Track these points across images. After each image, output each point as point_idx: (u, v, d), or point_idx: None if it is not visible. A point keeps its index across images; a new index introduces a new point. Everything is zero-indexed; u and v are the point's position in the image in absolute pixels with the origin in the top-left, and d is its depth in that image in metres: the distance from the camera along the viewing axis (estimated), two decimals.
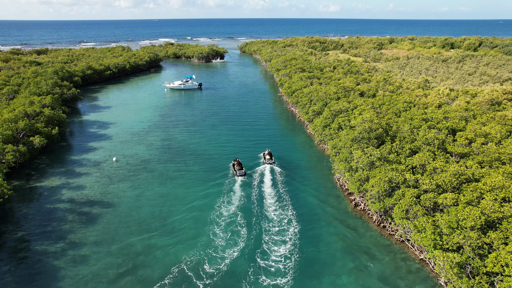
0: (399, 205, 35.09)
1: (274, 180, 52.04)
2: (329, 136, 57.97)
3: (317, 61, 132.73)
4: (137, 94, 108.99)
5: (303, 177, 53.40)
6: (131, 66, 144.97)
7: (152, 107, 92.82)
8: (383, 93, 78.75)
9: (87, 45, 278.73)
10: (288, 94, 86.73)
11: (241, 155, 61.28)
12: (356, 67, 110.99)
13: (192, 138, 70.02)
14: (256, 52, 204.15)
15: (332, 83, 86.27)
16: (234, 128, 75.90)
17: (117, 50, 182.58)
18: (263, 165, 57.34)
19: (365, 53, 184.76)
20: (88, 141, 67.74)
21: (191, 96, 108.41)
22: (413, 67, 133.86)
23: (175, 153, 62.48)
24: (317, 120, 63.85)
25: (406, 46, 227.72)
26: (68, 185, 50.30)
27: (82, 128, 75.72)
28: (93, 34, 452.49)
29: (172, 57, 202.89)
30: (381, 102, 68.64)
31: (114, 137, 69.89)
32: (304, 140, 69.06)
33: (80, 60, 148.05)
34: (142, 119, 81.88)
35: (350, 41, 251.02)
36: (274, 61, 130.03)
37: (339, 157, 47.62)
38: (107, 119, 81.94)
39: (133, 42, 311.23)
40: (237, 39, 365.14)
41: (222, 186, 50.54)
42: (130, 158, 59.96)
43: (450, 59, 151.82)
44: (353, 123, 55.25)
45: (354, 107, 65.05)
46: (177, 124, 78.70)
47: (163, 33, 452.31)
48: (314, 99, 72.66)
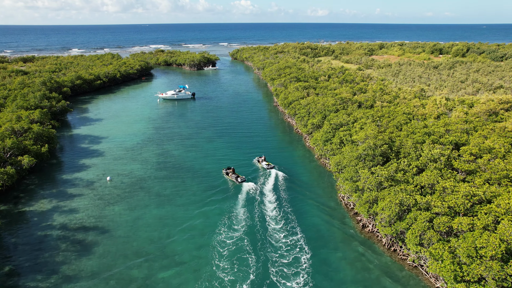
0: (412, 230, 33.73)
1: (277, 198, 50.28)
2: (330, 151, 56.63)
3: (311, 69, 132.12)
4: (129, 104, 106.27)
5: (306, 195, 51.82)
6: (122, 75, 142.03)
7: (145, 119, 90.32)
8: (381, 104, 78.05)
9: (75, 52, 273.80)
10: (285, 105, 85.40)
11: (240, 170, 59.39)
12: (350, 75, 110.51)
13: (188, 152, 67.89)
14: (248, 59, 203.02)
15: (329, 93, 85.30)
16: (231, 141, 74.03)
17: (106, 58, 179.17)
18: (263, 172, 56.13)
19: (356, 60, 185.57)
20: (79, 158, 64.97)
21: (184, 106, 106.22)
22: (406, 74, 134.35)
23: (171, 170, 60.26)
24: (317, 134, 62.51)
25: (396, 52, 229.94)
26: (60, 209, 47.62)
27: (72, 144, 72.82)
28: (82, 40, 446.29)
29: (163, 64, 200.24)
30: (380, 114, 67.76)
31: (107, 153, 67.27)
32: (303, 154, 67.61)
33: (68, 69, 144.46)
34: (135, 133, 79.35)
35: (340, 47, 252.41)
36: (268, 70, 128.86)
37: (344, 176, 46.21)
38: (99, 133, 79.16)
39: (123, 49, 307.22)
40: (227, 46, 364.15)
41: (222, 205, 48.57)
42: (125, 177, 57.48)
43: (441, 66, 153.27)
44: (355, 138, 54.05)
45: (355, 120, 63.99)
46: (171, 137, 76.44)
47: (153, 39, 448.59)
48: (313, 111, 71.40)
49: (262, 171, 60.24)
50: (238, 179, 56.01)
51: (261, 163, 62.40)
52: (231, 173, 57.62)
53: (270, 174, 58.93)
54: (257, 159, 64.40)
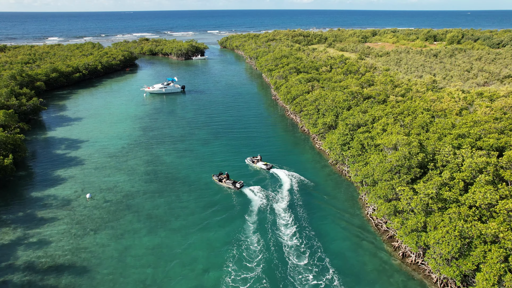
0: (485, 274, 26.22)
1: (291, 215, 42.15)
2: (351, 157, 48.67)
3: (309, 58, 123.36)
4: (112, 100, 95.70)
5: (324, 210, 43.95)
6: (104, 66, 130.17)
7: (131, 118, 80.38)
8: (395, 98, 70.40)
9: (52, 40, 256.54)
10: (288, 100, 76.80)
11: (245, 179, 50.95)
12: (353, 65, 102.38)
13: (181, 158, 58.93)
14: (238, 47, 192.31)
15: (335, 86, 77.03)
16: (229, 144, 65.27)
17: (86, 48, 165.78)
18: (263, 174, 48.38)
19: (352, 48, 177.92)
20: (54, 168, 55.27)
21: (174, 101, 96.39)
22: (408, 63, 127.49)
23: (163, 181, 51.36)
24: (332, 136, 54.40)
25: (391, 39, 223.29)
26: (26, 240, 38.42)
27: (46, 150, 62.78)
28: (61, 28, 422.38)
29: (148, 54, 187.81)
30: (398, 111, 60.04)
31: (87, 161, 57.71)
32: (313, 158, 59.55)
33: (44, 60, 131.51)
34: (119, 135, 69.62)
35: (333, 34, 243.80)
36: (263, 59, 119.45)
37: (376, 192, 38.37)
38: (78, 136, 69.15)
39: (105, 38, 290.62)
40: (215, 33, 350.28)
41: (227, 228, 40.25)
42: (108, 193, 48.33)
43: (441, 54, 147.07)
44: (380, 143, 46.19)
45: (373, 119, 56.09)
46: (162, 140, 67.11)
47: (138, 27, 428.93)
48: (322, 108, 63.11)
49: (262, 174, 52.38)
50: (237, 184, 48.94)
51: (257, 164, 55.50)
52: (225, 179, 50.14)
53: (272, 176, 52.16)
54: (251, 159, 57.17)
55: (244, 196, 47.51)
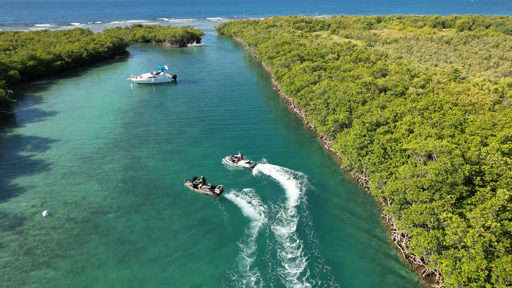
0: None
1: (296, 237, 33.37)
2: (370, 165, 39.67)
3: (312, 45, 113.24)
4: (95, 91, 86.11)
5: (337, 229, 35.21)
6: (90, 53, 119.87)
7: (113, 112, 71.00)
8: (415, 91, 61.10)
9: (42, 27, 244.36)
10: (291, 92, 67.35)
11: (239, 186, 42.08)
12: (363, 53, 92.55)
13: (166, 163, 49.89)
14: (236, 34, 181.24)
15: (344, 76, 67.54)
16: (223, 144, 56.16)
17: (74, 34, 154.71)
18: (246, 174, 40.37)
19: (357, 34, 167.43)
20: (12, 175, 46.27)
21: (163, 92, 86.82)
22: (420, 51, 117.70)
23: (142, 193, 42.44)
24: (346, 137, 45.28)
25: (397, 26, 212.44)
26: None
27: (8, 151, 53.66)
28: (56, 14, 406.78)
29: (141, 41, 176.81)
30: (422, 106, 50.81)
31: (54, 166, 48.67)
32: (322, 162, 50.50)
33: (25, 47, 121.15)
34: (97, 133, 60.40)
35: (336, 20, 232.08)
36: (263, 46, 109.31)
37: (410, 217, 29.44)
38: (49, 133, 59.97)
39: (101, 25, 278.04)
40: (214, 20, 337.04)
41: (218, 259, 31.54)
42: (74, 208, 39.44)
43: (453, 41, 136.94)
44: (408, 148, 37.18)
45: (394, 116, 46.93)
46: (145, 139, 57.94)
47: (135, 14, 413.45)
48: (333, 102, 53.81)
49: (246, 175, 44.15)
50: (216, 190, 41.38)
51: (238, 163, 48.10)
52: (201, 184, 42.37)
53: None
54: (231, 158, 49.32)
55: (235, 209, 38.70)
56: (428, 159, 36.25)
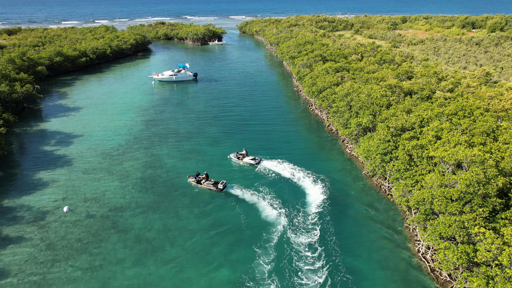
0: None
1: (315, 243, 32.39)
2: (395, 172, 38.18)
3: (335, 45, 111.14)
4: (117, 88, 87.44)
5: (358, 237, 33.99)
6: (113, 50, 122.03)
7: (134, 109, 71.79)
8: (443, 95, 58.69)
9: (70, 24, 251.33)
10: (312, 93, 66.10)
11: (256, 185, 41.50)
12: (387, 54, 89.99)
13: (186, 162, 49.82)
14: (258, 32, 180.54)
15: (368, 78, 65.68)
16: (243, 144, 55.49)
17: (99, 31, 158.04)
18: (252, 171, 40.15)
19: (381, 35, 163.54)
20: (37, 169, 47.33)
21: (184, 90, 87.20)
22: (448, 52, 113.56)
23: (161, 192, 42.48)
24: (369, 141, 43.86)
25: (423, 26, 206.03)
26: None
27: (34, 145, 55.03)
28: (84, 11, 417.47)
29: (163, 38, 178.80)
30: (450, 111, 48.64)
31: (76, 162, 49.49)
32: (342, 166, 49.17)
33: (53, 43, 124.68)
34: (118, 129, 61.16)
35: (360, 20, 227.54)
36: (285, 45, 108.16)
37: (437, 229, 27.97)
38: (72, 129, 61.16)
39: (123, 22, 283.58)
40: (234, 18, 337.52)
41: (234, 263, 31.05)
42: (94, 204, 39.90)
43: (484, 42, 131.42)
44: (435, 155, 35.50)
45: (420, 121, 45.08)
46: (165, 137, 58.16)
47: (159, 11, 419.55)
48: (356, 104, 52.32)
49: (253, 172, 43.31)
50: (219, 185, 41.92)
51: (243, 159, 48.70)
52: (204, 180, 42.94)
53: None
54: (236, 155, 49.78)
55: (254, 211, 38.07)
56: (457, 168, 34.53)
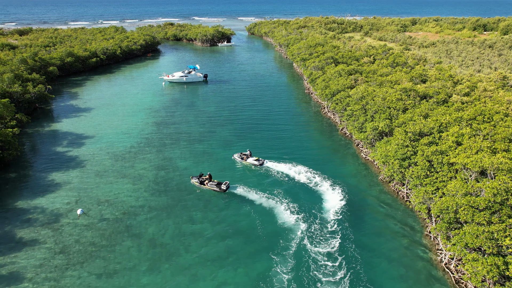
0: None
1: (334, 251, 31.58)
2: (415, 178, 37.20)
3: (346, 47, 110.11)
4: (128, 89, 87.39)
5: (378, 245, 33.05)
6: (123, 51, 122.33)
7: (145, 110, 71.54)
8: (460, 99, 57.48)
9: (78, 24, 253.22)
10: (326, 96, 65.25)
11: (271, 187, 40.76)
12: (400, 57, 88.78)
13: (198, 165, 49.24)
14: (267, 34, 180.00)
15: (382, 81, 64.66)
16: (255, 146, 54.91)
17: (108, 32, 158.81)
18: (257, 172, 38.36)
19: (391, 37, 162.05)
20: (49, 170, 47.14)
21: (194, 92, 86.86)
22: (461, 55, 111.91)
23: (174, 195, 41.95)
24: (387, 146, 42.92)
25: (433, 29, 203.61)
26: None
27: (46, 145, 54.93)
28: (93, 12, 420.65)
29: (172, 39, 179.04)
30: (468, 116, 47.48)
31: (88, 163, 49.23)
32: (357, 170, 48.27)
33: (64, 43, 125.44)
34: (130, 131, 60.88)
35: (369, 22, 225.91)
36: (295, 47, 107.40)
37: (463, 239, 26.97)
38: (84, 130, 61.03)
39: (132, 23, 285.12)
40: (242, 19, 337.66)
41: (251, 273, 30.36)
42: (107, 207, 39.50)
43: (497, 45, 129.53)
44: (458, 162, 34.48)
45: (439, 125, 44.02)
46: (177, 139, 57.73)
47: (166, 12, 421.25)
48: (371, 108, 51.39)
49: (268, 175, 42.14)
50: (222, 186, 41.95)
51: (247, 160, 48.79)
52: (207, 181, 42.94)
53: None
54: (240, 156, 49.88)
55: (270, 217, 37.35)
56: (480, 175, 33.52)
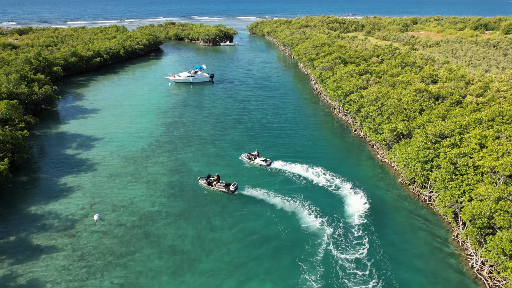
0: None
1: (368, 258, 30.77)
2: (439, 181, 36.43)
3: (351, 47, 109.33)
4: (133, 89, 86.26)
5: (402, 250, 32.25)
6: (126, 51, 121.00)
7: (153, 111, 70.49)
8: (475, 99, 56.80)
9: (77, 24, 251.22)
10: (338, 97, 64.43)
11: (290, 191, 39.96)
12: (408, 57, 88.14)
13: (212, 167, 48.25)
14: (270, 33, 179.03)
15: (394, 81, 63.91)
16: (268, 149, 54.01)
17: (110, 31, 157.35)
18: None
19: (394, 37, 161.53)
20: (60, 174, 46.06)
21: (201, 92, 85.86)
22: (467, 55, 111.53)
23: (190, 199, 41.01)
24: (407, 149, 42.14)
25: (435, 28, 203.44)
26: (13, 282, 29.08)
27: (55, 148, 53.79)
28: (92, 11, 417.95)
29: (174, 39, 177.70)
30: (488, 117, 46.83)
31: (100, 166, 48.17)
32: (374, 173, 47.48)
33: (65, 43, 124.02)
34: (139, 132, 59.84)
35: (370, 21, 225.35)
36: (301, 47, 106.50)
37: (500, 245, 26.27)
38: (92, 131, 59.92)
39: (132, 22, 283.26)
40: (242, 19, 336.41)
41: (276, 279, 29.51)
42: (123, 212, 38.51)
43: (501, 44, 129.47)
44: (485, 165, 33.75)
45: (459, 127, 43.27)
46: (188, 141, 56.75)
47: (167, 11, 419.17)
48: (388, 109, 50.61)
49: (282, 178, 41.47)
50: (231, 187, 41.59)
51: (254, 161, 48.46)
52: (215, 182, 42.35)
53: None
54: (247, 156, 49.56)
55: (291, 220, 36.50)
56: (508, 178, 32.80)
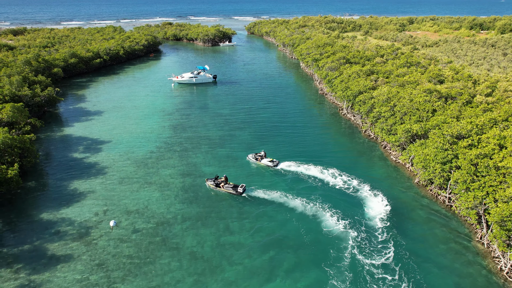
0: None
1: (396, 263, 30.24)
2: (461, 183, 36.02)
3: (352, 46, 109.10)
4: (136, 90, 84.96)
5: (425, 253, 31.77)
6: (126, 51, 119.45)
7: (158, 113, 69.38)
8: (485, 99, 56.71)
9: (73, 24, 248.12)
10: (346, 97, 63.95)
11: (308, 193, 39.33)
12: (412, 57, 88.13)
13: (225, 170, 47.31)
14: (268, 33, 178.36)
15: (403, 81, 63.64)
16: (279, 150, 53.31)
17: (107, 31, 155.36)
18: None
19: (392, 36, 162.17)
20: (70, 179, 44.85)
21: (204, 93, 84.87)
22: (467, 54, 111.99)
23: (206, 203, 40.15)
24: (424, 150, 41.71)
25: (432, 28, 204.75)
26: None
27: (61, 152, 52.48)
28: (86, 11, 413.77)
29: (172, 39, 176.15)
30: (502, 117, 46.66)
31: (110, 170, 47.04)
32: (388, 174, 47.04)
33: (63, 44, 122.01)
34: (147, 134, 58.76)
35: (368, 21, 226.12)
36: (303, 47, 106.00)
37: None
38: (98, 134, 58.69)
39: (127, 23, 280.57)
40: (238, 19, 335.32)
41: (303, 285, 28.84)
42: (138, 218, 37.51)
43: (499, 44, 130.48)
44: (505, 165, 33.44)
45: (475, 127, 42.98)
46: (197, 143, 55.81)
47: (161, 11, 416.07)
48: (401, 110, 50.21)
49: (290, 177, 40.68)
50: (239, 189, 41.63)
51: (261, 161, 48.22)
52: (223, 183, 41.91)
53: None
54: (254, 156, 49.26)
55: (312, 224, 35.83)
56: None
